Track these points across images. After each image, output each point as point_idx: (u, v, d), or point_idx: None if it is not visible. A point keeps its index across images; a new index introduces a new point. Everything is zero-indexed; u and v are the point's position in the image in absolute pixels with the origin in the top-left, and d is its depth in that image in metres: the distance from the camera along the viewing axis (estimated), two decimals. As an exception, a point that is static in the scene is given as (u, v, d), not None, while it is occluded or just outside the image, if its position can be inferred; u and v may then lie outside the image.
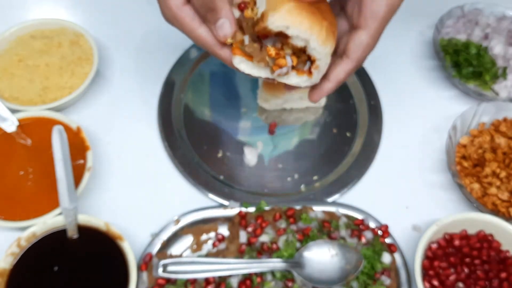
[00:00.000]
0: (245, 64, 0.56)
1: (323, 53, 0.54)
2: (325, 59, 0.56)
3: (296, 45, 0.54)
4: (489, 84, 0.88)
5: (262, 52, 0.55)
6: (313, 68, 0.56)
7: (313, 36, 0.53)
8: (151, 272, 0.70)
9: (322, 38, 0.53)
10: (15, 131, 0.78)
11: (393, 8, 0.57)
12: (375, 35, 0.57)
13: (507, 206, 0.77)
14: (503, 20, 0.95)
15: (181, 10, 0.58)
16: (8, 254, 0.68)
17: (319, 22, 0.53)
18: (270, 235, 0.73)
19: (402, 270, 0.73)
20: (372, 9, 0.56)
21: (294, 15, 0.52)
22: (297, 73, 0.57)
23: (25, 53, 0.86)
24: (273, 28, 0.53)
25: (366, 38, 0.57)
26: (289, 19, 0.52)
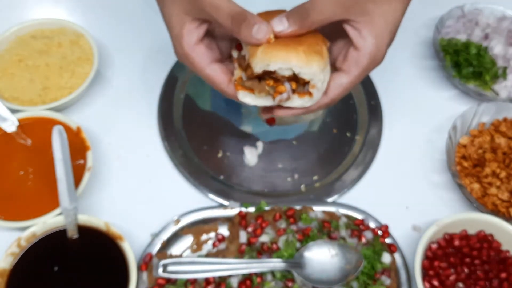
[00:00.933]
0: (249, 97, 0.62)
1: (311, 73, 0.58)
2: (318, 77, 0.59)
3: (285, 75, 0.59)
4: (489, 84, 0.88)
5: (262, 84, 0.60)
6: (311, 88, 0.60)
7: (293, 63, 0.57)
8: (151, 272, 0.70)
9: (302, 61, 0.57)
10: (15, 131, 0.78)
11: (375, 61, 0.61)
12: (354, 81, 0.62)
13: (507, 206, 0.77)
14: (503, 20, 0.95)
15: (193, 50, 0.62)
16: (8, 254, 0.68)
17: (294, 49, 0.57)
18: (270, 235, 0.73)
19: (402, 270, 0.73)
20: (356, 59, 0.60)
21: (268, 53, 0.57)
22: (298, 95, 0.61)
23: (25, 53, 0.86)
24: (258, 71, 0.58)
25: (345, 82, 0.62)
26: (266, 58, 0.57)
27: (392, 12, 0.60)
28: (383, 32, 0.60)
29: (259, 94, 0.61)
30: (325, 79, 0.60)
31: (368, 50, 0.59)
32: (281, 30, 0.58)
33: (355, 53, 0.60)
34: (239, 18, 0.57)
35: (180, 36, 0.62)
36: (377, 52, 0.60)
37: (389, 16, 0.60)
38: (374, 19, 0.59)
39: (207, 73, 0.62)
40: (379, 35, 0.59)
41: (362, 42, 0.59)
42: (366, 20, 0.58)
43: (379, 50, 0.60)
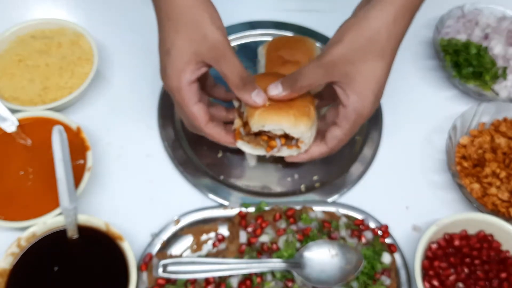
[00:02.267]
0: (246, 147, 0.71)
1: (299, 133, 0.68)
2: (305, 135, 0.69)
3: (277, 134, 0.69)
4: (489, 84, 0.88)
5: (257, 139, 0.71)
6: (299, 143, 0.70)
7: (284, 125, 0.67)
8: (151, 272, 0.70)
9: (291, 123, 0.67)
10: (15, 131, 0.78)
11: (361, 116, 0.67)
12: (347, 133, 0.69)
13: (507, 206, 0.77)
14: (503, 20, 0.95)
15: (189, 87, 0.67)
16: (8, 254, 0.68)
17: (286, 113, 0.67)
18: (270, 235, 0.73)
19: (402, 270, 0.73)
20: (344, 114, 0.67)
21: (263, 116, 0.67)
22: (287, 147, 0.71)
23: (25, 53, 0.86)
24: (255, 130, 0.68)
25: (339, 134, 0.69)
26: (261, 120, 0.67)
27: (371, 71, 0.64)
28: (365, 90, 0.65)
29: (255, 147, 0.71)
30: (312, 134, 0.70)
31: (353, 106, 0.66)
32: (276, 94, 0.67)
33: (343, 110, 0.67)
34: (246, 79, 0.66)
35: (182, 70, 0.65)
36: (362, 108, 0.66)
37: (369, 75, 0.65)
38: (355, 79, 0.64)
39: (193, 110, 0.68)
40: (361, 92, 0.65)
41: (346, 99, 0.66)
42: (347, 81, 0.65)
43: (364, 106, 0.66)
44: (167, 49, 0.66)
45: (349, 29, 0.64)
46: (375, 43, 0.63)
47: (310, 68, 0.66)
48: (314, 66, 0.65)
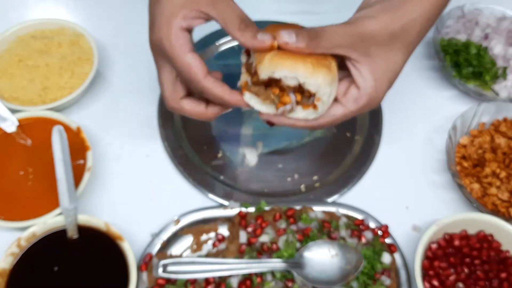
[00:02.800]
0: (254, 100, 0.62)
1: (317, 85, 0.58)
2: (323, 90, 0.59)
3: (290, 85, 0.59)
4: (489, 84, 0.88)
5: (267, 91, 0.61)
6: (316, 100, 0.60)
7: (299, 72, 0.58)
8: (151, 272, 0.70)
9: (309, 71, 0.58)
10: (15, 131, 0.78)
11: (371, 103, 0.62)
12: (347, 115, 0.63)
13: (507, 206, 0.77)
14: (503, 20, 0.95)
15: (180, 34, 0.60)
16: (8, 254, 0.68)
17: (302, 59, 0.58)
18: (270, 235, 0.73)
19: (402, 270, 0.73)
20: (356, 96, 0.61)
21: (275, 60, 0.58)
22: (302, 107, 0.61)
23: (25, 53, 0.86)
24: (264, 78, 0.59)
25: (339, 113, 0.63)
26: (272, 65, 0.58)
27: (393, 60, 0.61)
28: (383, 77, 0.61)
29: (264, 101, 0.62)
30: (331, 93, 0.60)
31: (368, 91, 0.61)
32: (287, 41, 0.58)
33: (356, 91, 0.61)
34: (248, 21, 0.59)
35: (172, 14, 0.59)
36: (376, 95, 0.61)
37: (390, 62, 0.61)
38: (375, 61, 0.60)
39: (187, 59, 0.60)
40: (379, 78, 0.61)
41: (363, 82, 0.60)
42: (368, 62, 0.60)
43: (377, 94, 0.61)
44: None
45: (385, 10, 0.59)
46: (406, 34, 0.60)
47: (336, 31, 0.58)
48: (341, 30, 0.58)
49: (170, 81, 0.65)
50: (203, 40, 0.93)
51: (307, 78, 0.58)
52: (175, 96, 0.66)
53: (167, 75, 0.65)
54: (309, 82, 0.58)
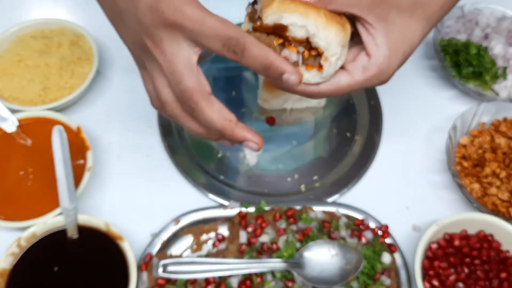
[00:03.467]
0: None
1: (327, 41, 0.51)
2: (334, 49, 0.52)
3: (297, 37, 0.52)
4: (489, 84, 0.88)
5: (269, 38, 0.53)
6: (323, 60, 0.53)
7: (310, 21, 0.51)
8: (151, 272, 0.70)
9: (321, 23, 0.51)
10: (15, 131, 0.78)
11: (380, 76, 0.55)
12: (353, 85, 0.56)
13: (507, 206, 0.77)
14: (503, 20, 0.95)
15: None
16: (8, 254, 0.68)
17: (315, 9, 0.51)
18: (270, 235, 0.73)
19: (402, 270, 0.73)
20: (365, 65, 0.55)
21: (285, 4, 0.51)
22: (306, 68, 0.54)
23: (25, 53, 0.86)
24: (268, 23, 0.52)
25: (343, 82, 0.56)
26: (282, 8, 0.51)
27: (412, 30, 0.55)
28: (398, 48, 0.55)
29: None
30: (341, 56, 0.54)
31: (380, 60, 0.55)
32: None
33: (365, 59, 0.55)
34: None
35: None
36: (387, 67, 0.55)
37: (408, 33, 0.55)
38: (392, 29, 0.54)
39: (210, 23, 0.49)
40: (394, 49, 0.55)
41: (375, 49, 0.54)
42: (384, 28, 0.54)
43: (389, 66, 0.55)
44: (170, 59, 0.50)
45: None
46: (429, 5, 0.55)
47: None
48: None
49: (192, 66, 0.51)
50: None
51: (319, 31, 0.51)
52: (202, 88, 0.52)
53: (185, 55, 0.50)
54: (320, 36, 0.51)
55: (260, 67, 0.51)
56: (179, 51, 0.50)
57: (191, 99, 0.51)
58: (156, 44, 0.50)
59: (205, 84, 0.52)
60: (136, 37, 0.52)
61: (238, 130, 0.54)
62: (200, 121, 0.53)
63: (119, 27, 0.56)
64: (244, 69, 0.91)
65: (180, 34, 0.49)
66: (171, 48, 0.50)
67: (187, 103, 0.52)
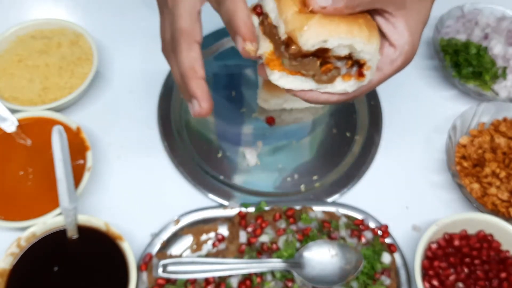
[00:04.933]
0: (286, 79, 0.51)
1: (371, 53, 0.49)
2: (376, 57, 0.51)
3: (340, 55, 0.49)
4: (489, 84, 0.88)
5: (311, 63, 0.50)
6: (366, 69, 0.51)
7: (356, 39, 0.48)
8: (151, 272, 0.70)
9: (365, 36, 0.48)
10: (15, 131, 0.78)
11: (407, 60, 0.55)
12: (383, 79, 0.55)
13: (507, 206, 0.77)
14: (503, 20, 0.95)
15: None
16: (8, 254, 0.68)
17: (355, 21, 0.48)
18: (270, 235, 0.73)
19: (402, 270, 0.73)
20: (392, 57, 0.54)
21: (326, 25, 0.47)
22: (342, 78, 0.52)
23: (25, 53, 0.86)
24: (309, 49, 0.48)
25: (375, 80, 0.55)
26: (324, 32, 0.47)
27: (424, 9, 0.55)
28: (417, 30, 0.54)
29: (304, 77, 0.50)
30: (377, 59, 0.52)
31: (405, 48, 0.54)
32: (324, 5, 0.48)
33: (391, 51, 0.54)
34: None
35: None
36: (411, 52, 0.54)
37: (422, 13, 0.54)
38: (410, 14, 0.53)
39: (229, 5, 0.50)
40: (414, 32, 0.54)
41: (399, 38, 0.53)
42: (402, 15, 0.53)
43: (413, 50, 0.55)
44: None
45: None
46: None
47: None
48: None
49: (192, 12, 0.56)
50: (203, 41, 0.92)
51: (364, 46, 0.48)
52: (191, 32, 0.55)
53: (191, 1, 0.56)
54: (365, 51, 0.48)
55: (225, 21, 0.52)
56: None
57: (178, 38, 0.55)
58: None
59: (197, 31, 0.55)
60: None
61: (194, 83, 0.54)
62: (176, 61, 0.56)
63: None
64: (245, 67, 0.91)
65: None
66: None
67: (174, 42, 0.56)
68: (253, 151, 0.83)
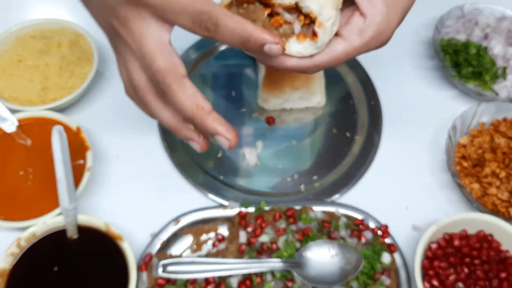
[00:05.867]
0: None
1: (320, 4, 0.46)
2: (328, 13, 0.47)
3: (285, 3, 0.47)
4: (489, 84, 0.88)
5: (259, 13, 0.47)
6: (317, 26, 0.47)
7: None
8: (151, 272, 0.70)
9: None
10: (15, 131, 0.78)
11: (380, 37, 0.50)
12: (351, 52, 0.50)
13: (507, 206, 0.77)
14: (503, 20, 0.95)
15: None
16: (8, 254, 0.68)
17: None
18: (270, 235, 0.73)
19: (402, 270, 0.73)
20: (361, 27, 0.50)
21: None
22: (297, 38, 0.48)
23: (25, 53, 0.86)
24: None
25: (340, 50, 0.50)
26: None
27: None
28: (396, 4, 0.50)
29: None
30: (336, 20, 0.47)
31: (377, 20, 0.49)
32: None
33: (361, 20, 0.49)
34: None
35: None
36: (386, 26, 0.50)
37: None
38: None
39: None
40: (391, 5, 0.49)
41: (370, 8, 0.49)
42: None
43: (388, 24, 0.50)
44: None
45: None
46: None
47: None
48: None
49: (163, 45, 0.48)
50: (203, 40, 0.92)
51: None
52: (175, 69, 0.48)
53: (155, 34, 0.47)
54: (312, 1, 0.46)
55: (238, 42, 0.46)
56: (147, 30, 0.47)
57: (163, 81, 0.48)
58: (123, 24, 0.47)
59: (178, 65, 0.48)
60: (104, 18, 0.49)
61: (210, 120, 0.49)
62: (172, 106, 0.50)
63: (90, 8, 0.52)
64: (245, 66, 0.91)
65: (146, 11, 0.46)
66: (138, 27, 0.47)
67: (159, 86, 0.49)
68: (253, 151, 0.83)
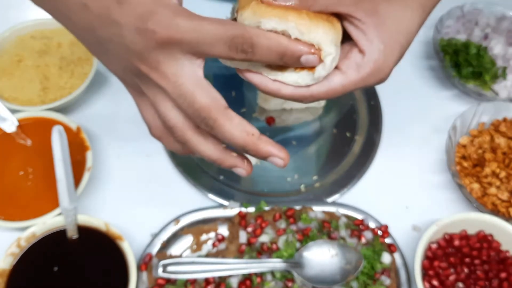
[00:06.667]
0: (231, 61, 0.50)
1: (316, 41, 0.46)
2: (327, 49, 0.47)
3: None
4: (489, 84, 0.88)
5: None
6: None
7: (290, 24, 0.45)
8: (151, 272, 0.70)
9: (304, 25, 0.46)
10: (15, 131, 0.78)
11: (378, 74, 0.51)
12: (348, 86, 0.50)
13: (507, 206, 0.77)
14: (503, 20, 0.95)
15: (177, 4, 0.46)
16: (8, 254, 0.68)
17: (296, 12, 0.46)
18: (270, 235, 0.73)
19: (402, 270, 0.73)
20: (359, 62, 0.50)
21: (262, 8, 0.46)
22: (294, 69, 0.49)
23: (25, 53, 0.86)
24: None
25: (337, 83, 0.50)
26: (258, 13, 0.46)
27: (407, 20, 0.51)
28: (394, 42, 0.50)
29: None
30: (335, 58, 0.48)
31: (374, 56, 0.50)
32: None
33: (359, 56, 0.50)
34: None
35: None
36: (383, 63, 0.50)
37: (403, 24, 0.50)
38: (384, 22, 0.49)
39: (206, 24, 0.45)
40: (388, 43, 0.50)
41: (368, 45, 0.49)
42: (375, 22, 0.49)
43: (386, 62, 0.50)
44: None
45: None
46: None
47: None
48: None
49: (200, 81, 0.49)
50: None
51: (302, 34, 0.46)
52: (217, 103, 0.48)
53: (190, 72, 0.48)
54: (305, 38, 0.46)
55: (276, 58, 0.46)
56: (182, 69, 0.47)
57: (209, 116, 0.47)
58: (154, 68, 0.46)
59: (218, 98, 0.49)
60: (127, 65, 0.48)
61: (262, 145, 0.49)
62: (221, 139, 0.50)
63: (103, 58, 0.51)
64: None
65: (178, 50, 0.45)
66: (172, 68, 0.46)
67: (205, 122, 0.48)
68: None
